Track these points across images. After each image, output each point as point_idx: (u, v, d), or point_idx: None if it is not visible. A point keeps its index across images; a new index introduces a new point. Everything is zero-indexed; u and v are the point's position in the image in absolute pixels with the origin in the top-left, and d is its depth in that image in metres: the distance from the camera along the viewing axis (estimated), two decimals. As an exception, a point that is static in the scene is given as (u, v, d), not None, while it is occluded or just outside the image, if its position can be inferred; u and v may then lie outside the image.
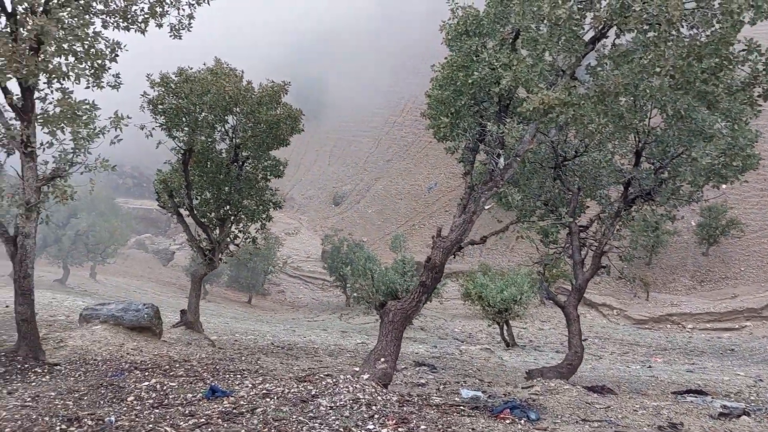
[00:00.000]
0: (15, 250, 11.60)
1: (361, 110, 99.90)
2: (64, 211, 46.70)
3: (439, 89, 16.29)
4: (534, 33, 12.06)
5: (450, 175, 69.91)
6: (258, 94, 18.80)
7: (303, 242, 72.09)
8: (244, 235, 20.92)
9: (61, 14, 10.41)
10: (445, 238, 14.50)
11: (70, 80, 11.04)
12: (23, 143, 10.95)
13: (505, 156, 16.11)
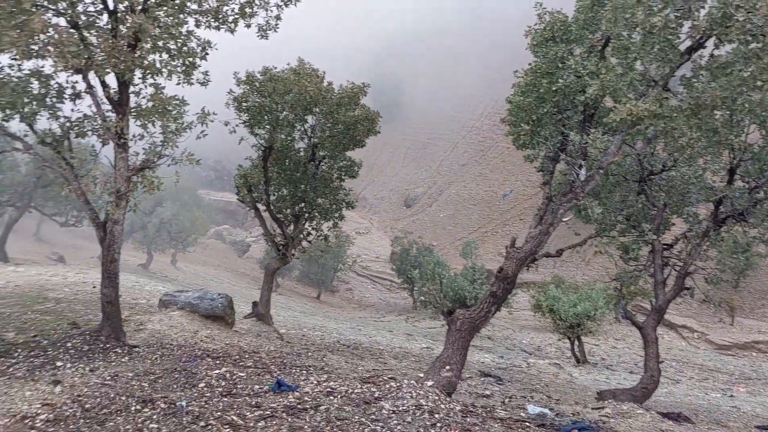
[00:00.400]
0: (104, 235, 12.26)
1: (438, 113, 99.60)
2: (150, 200, 49.17)
3: (521, 96, 15.92)
4: (626, 41, 11.57)
5: (527, 182, 68.48)
6: (337, 94, 19.05)
7: (373, 242, 72.66)
8: (317, 232, 21.28)
9: (157, 13, 10.94)
10: (519, 248, 14.17)
11: (162, 76, 11.60)
12: (117, 135, 11.57)
13: (587, 167, 15.55)
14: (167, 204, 53.53)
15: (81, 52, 9.97)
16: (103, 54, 10.32)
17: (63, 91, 12.16)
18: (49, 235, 58.79)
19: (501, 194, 71.96)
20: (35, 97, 11.97)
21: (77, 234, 56.89)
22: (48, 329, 12.84)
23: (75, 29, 10.74)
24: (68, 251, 52.92)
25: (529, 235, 15.84)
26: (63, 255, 47.31)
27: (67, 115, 12.44)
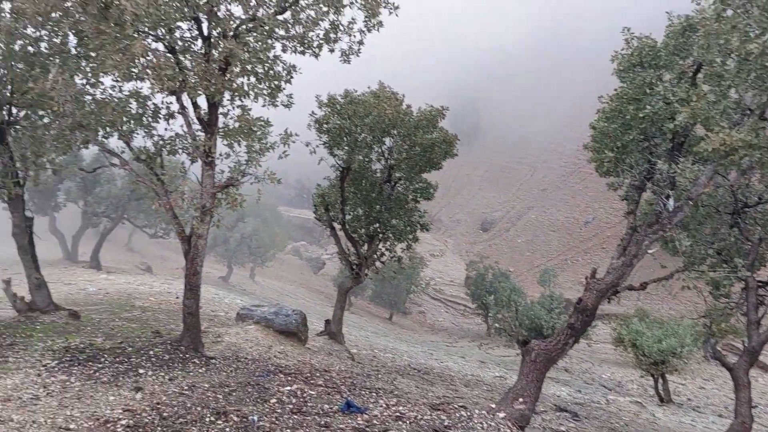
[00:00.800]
0: (188, 249, 12.82)
1: (518, 136, 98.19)
2: (233, 215, 51.11)
3: (606, 121, 15.45)
4: (719, 67, 11.01)
5: (610, 210, 66.04)
6: (416, 117, 19.14)
7: (447, 265, 72.04)
8: (391, 253, 21.33)
9: (248, 38, 11.44)
10: (600, 280, 13.66)
11: (249, 98, 12.09)
12: (205, 153, 12.12)
13: (676, 197, 14.81)
14: (249, 219, 55.42)
15: (176, 75, 10.56)
16: (196, 77, 10.88)
17: (158, 111, 12.94)
18: (139, 245, 62.20)
19: (583, 221, 69.68)
20: (133, 117, 12.79)
21: (164, 245, 59.89)
22: (133, 336, 13.50)
23: (172, 54, 11.41)
24: (155, 261, 55.75)
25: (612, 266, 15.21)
26: (150, 265, 49.86)
27: (160, 134, 13.22)
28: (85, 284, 25.71)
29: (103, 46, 10.63)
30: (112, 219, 40.91)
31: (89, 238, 48.17)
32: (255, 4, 11.09)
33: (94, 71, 13.40)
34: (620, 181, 16.50)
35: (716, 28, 10.42)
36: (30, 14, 10.50)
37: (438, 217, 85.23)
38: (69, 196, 41.81)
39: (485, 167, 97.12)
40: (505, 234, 77.07)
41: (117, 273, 35.34)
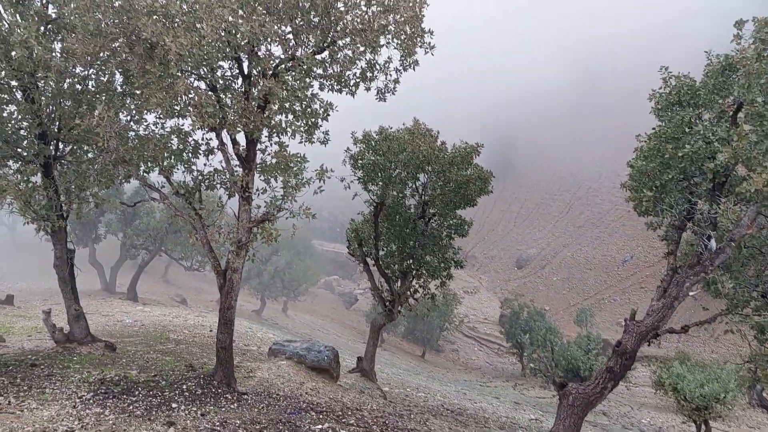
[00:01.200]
0: (224, 283, 12.92)
1: (552, 173, 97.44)
2: (267, 249, 51.59)
3: (644, 160, 15.23)
4: (761, 107, 10.79)
5: (648, 248, 64.54)
6: (450, 154, 19.17)
7: (481, 302, 71.03)
8: (424, 290, 21.13)
9: (286, 77, 11.69)
10: (639, 322, 13.28)
11: (286, 135, 12.28)
12: (243, 188, 12.31)
13: (717, 238, 14.40)
14: (282, 253, 55.87)
15: (217, 113, 10.82)
16: (235, 114, 11.13)
17: (198, 147, 13.26)
18: (175, 277, 63.16)
19: (620, 260, 68.13)
20: (174, 152, 13.12)
21: (200, 277, 60.70)
22: (167, 369, 13.56)
23: (213, 92, 11.73)
24: (190, 293, 56.45)
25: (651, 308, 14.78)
26: (185, 297, 50.50)
27: (199, 169, 13.51)
28: (122, 316, 26.11)
29: (147, 85, 11.00)
30: (149, 251, 41.76)
31: (127, 269, 49.23)
32: (294, 44, 11.35)
33: (138, 108, 13.89)
34: (659, 221, 16.17)
35: (757, 67, 10.26)
36: (80, 54, 10.96)
37: (472, 253, 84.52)
38: (109, 228, 42.96)
39: (520, 203, 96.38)
40: (540, 271, 75.81)
41: (153, 305, 35.85)
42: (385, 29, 11.55)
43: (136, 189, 41.39)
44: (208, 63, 10.87)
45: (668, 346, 45.64)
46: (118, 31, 10.58)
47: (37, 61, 12.07)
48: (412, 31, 11.82)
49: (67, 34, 12.30)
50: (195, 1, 10.11)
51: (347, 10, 11.40)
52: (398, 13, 11.50)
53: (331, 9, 11.31)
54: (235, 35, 10.33)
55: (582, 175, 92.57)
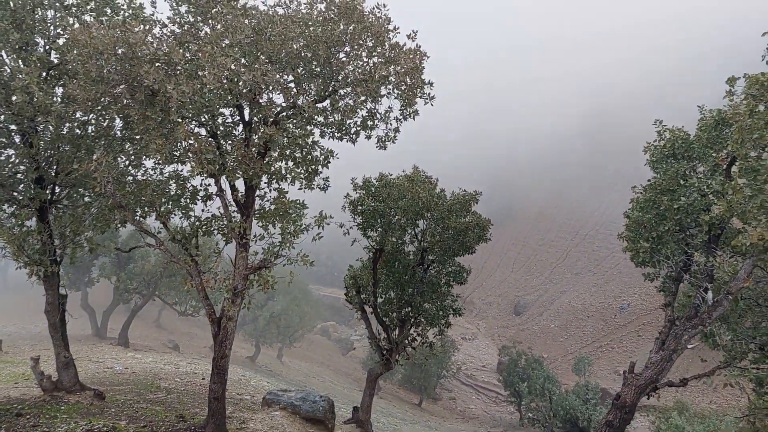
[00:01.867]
0: (218, 331, 12.64)
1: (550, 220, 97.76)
2: (263, 294, 51.00)
3: (640, 211, 15.28)
4: (754, 162, 10.87)
5: (645, 296, 64.17)
6: (449, 201, 19.17)
7: (479, 349, 70.04)
8: (422, 338, 20.76)
9: (287, 125, 11.73)
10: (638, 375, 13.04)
11: (286, 182, 12.24)
12: (240, 235, 12.18)
13: (714, 290, 14.31)
14: (278, 298, 55.26)
15: (216, 159, 10.80)
16: (235, 161, 11.11)
17: (196, 192, 13.18)
18: (168, 321, 62.27)
19: (617, 307, 67.64)
20: (171, 198, 13.04)
21: (193, 322, 59.83)
22: (157, 420, 13.13)
23: (213, 138, 11.75)
24: (183, 339, 55.53)
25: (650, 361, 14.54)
26: (178, 343, 49.64)
27: (197, 215, 13.39)
28: (113, 362, 25.54)
29: (147, 131, 11.00)
30: (143, 296, 41.23)
31: (119, 314, 48.53)
32: (296, 92, 11.42)
33: (137, 153, 13.88)
34: (656, 272, 16.12)
35: (750, 123, 10.36)
36: (81, 100, 10.99)
37: (470, 299, 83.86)
38: (103, 272, 42.50)
39: (517, 249, 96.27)
40: (538, 318, 75.11)
41: (144, 351, 35.19)
42: (386, 80, 11.67)
43: (131, 233, 41.14)
44: (209, 110, 10.90)
45: (667, 396, 44.78)
46: (120, 77, 10.64)
47: (37, 106, 12.10)
48: (412, 81, 11.94)
49: (69, 80, 12.37)
50: (198, 50, 10.21)
51: (349, 61, 11.53)
52: (399, 65, 11.64)
53: (332, 59, 11.44)
54: (237, 83, 10.39)
55: (579, 222, 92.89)
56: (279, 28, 10.78)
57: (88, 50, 10.19)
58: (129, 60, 10.21)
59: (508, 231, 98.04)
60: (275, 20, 11.03)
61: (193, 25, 11.46)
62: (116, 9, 13.27)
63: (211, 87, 9.85)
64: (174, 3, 11.47)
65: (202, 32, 11.46)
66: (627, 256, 16.38)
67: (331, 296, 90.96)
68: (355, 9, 11.60)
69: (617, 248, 69.76)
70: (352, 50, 11.86)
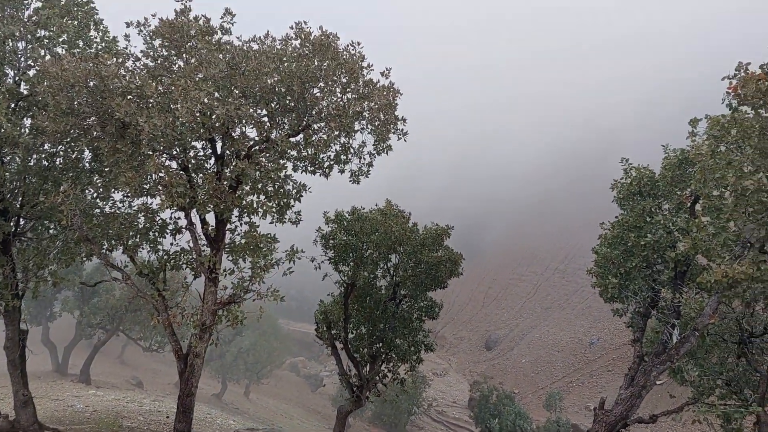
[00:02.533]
0: (184, 368, 12.33)
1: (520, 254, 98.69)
2: (231, 329, 50.00)
3: (608, 247, 15.52)
4: (717, 201, 11.22)
5: (615, 330, 64.73)
6: (422, 235, 19.22)
7: (450, 385, 69.46)
8: (393, 374, 20.52)
9: (260, 158, 11.70)
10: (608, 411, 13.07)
11: (258, 215, 12.15)
12: (210, 269, 12.00)
13: (681, 326, 14.55)
14: (247, 333, 54.19)
15: (187, 192, 10.68)
16: (206, 194, 11.01)
17: (166, 226, 12.99)
18: (132, 357, 60.46)
19: (587, 342, 68.05)
20: (139, 231, 12.82)
21: (158, 358, 58.25)
22: (118, 462, 12.61)
23: (184, 171, 11.63)
24: (147, 375, 53.91)
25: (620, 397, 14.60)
26: (142, 380, 48.15)
27: (165, 249, 13.17)
28: (73, 400, 24.59)
29: (117, 163, 10.86)
30: (106, 330, 39.97)
31: (81, 349, 46.95)
32: (269, 126, 11.45)
33: (106, 186, 13.65)
34: (625, 308, 16.32)
35: (712, 163, 10.72)
36: (50, 132, 10.82)
37: (442, 334, 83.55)
38: (65, 306, 41.14)
39: (489, 283, 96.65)
40: (509, 353, 75.05)
41: (106, 388, 34.03)
42: (360, 115, 11.79)
43: (96, 267, 40.10)
44: (181, 143, 10.83)
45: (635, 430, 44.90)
46: (91, 110, 10.53)
47: (4, 138, 11.85)
48: (385, 117, 12.09)
49: (38, 112, 12.18)
50: (171, 83, 10.19)
51: (323, 96, 11.63)
52: (373, 101, 11.78)
53: (306, 94, 11.54)
54: (210, 117, 10.37)
55: (549, 256, 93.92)
56: (253, 63, 10.85)
57: (59, 82, 10.08)
58: (100, 92, 10.13)
59: (479, 265, 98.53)
60: (250, 55, 11.11)
61: (167, 59, 11.46)
62: (89, 42, 13.20)
63: (183, 120, 9.81)
64: (148, 37, 11.47)
65: (176, 66, 11.46)
66: (596, 292, 16.59)
67: (301, 331, 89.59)
68: (329, 46, 11.76)
69: (586, 282, 70.63)
70: (326, 86, 11.98)
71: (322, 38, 11.78)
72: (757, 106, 10.07)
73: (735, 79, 10.23)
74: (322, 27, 11.92)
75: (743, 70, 10.16)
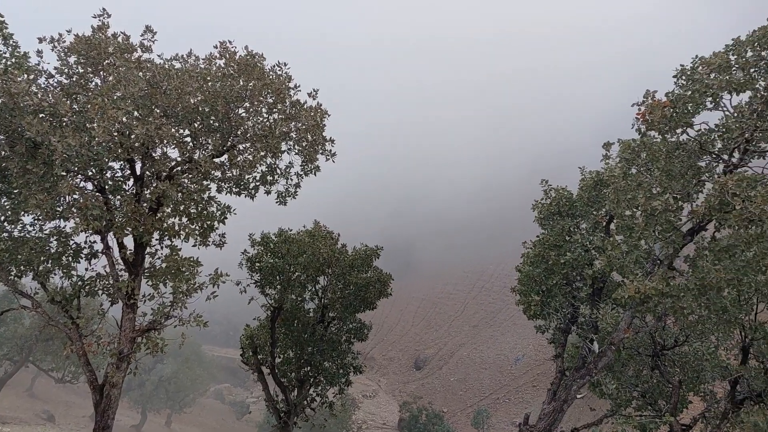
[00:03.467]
0: (100, 399, 11.65)
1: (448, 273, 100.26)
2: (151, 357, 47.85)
3: (531, 266, 16.03)
4: (629, 220, 11.88)
5: (539, 346, 66.67)
6: (351, 256, 19.19)
7: (380, 406, 69.17)
8: (322, 398, 20.23)
9: (182, 179, 11.34)
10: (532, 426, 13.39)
11: (179, 238, 11.73)
12: (128, 295, 11.44)
13: (599, 341, 15.19)
14: (168, 361, 52.03)
15: (103, 215, 10.20)
16: (124, 217, 10.55)
17: (80, 250, 12.29)
18: (43, 390, 56.60)
19: (513, 358, 69.75)
20: (51, 256, 12.06)
21: (71, 390, 54.81)
22: (24, 506, 11.70)
23: (101, 193, 11.10)
24: (60, 408, 50.57)
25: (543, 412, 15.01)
26: (53, 413, 45.12)
27: (80, 274, 12.46)
28: (-26, 439, 22.70)
29: (27, 185, 10.24)
30: (14, 362, 37.23)
31: (-15, 383, 43.48)
32: (192, 146, 11.15)
33: (14, 209, 12.80)
34: (547, 324, 16.88)
35: (624, 185, 11.36)
36: (-50, 151, 10.09)
37: (371, 355, 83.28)
38: (-32, 336, 38.08)
39: (418, 303, 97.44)
40: (437, 372, 75.70)
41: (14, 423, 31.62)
42: (287, 136, 11.69)
43: (3, 294, 37.38)
44: (98, 164, 10.35)
45: (563, 445, 46.22)
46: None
47: None
48: (313, 138, 12.04)
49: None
50: (87, 101, 9.76)
51: (249, 117, 11.47)
52: (300, 121, 11.72)
53: (231, 114, 11.33)
54: (129, 137, 9.98)
55: (476, 274, 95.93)
56: (176, 81, 10.57)
57: (-39, 99, 9.44)
58: (9, 110, 9.55)
59: (409, 285, 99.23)
60: (172, 74, 10.81)
61: (83, 76, 10.97)
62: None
63: (100, 140, 9.39)
64: (62, 53, 10.96)
65: (93, 84, 10.99)
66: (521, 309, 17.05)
67: (226, 357, 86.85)
68: (255, 66, 11.63)
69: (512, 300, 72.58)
70: (252, 106, 11.82)
71: (247, 58, 11.65)
72: (663, 131, 10.76)
73: (643, 106, 10.89)
74: (247, 47, 11.80)
75: (650, 98, 10.85)
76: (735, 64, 10.26)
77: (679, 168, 10.70)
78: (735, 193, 8.98)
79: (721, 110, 10.65)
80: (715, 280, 9.99)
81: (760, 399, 14.73)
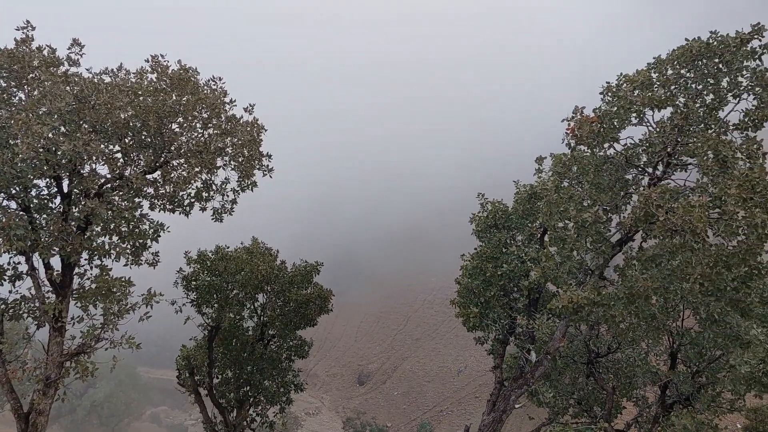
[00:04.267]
0: (26, 428, 11.07)
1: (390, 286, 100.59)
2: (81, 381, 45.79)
3: (469, 278, 16.32)
4: (561, 232, 12.33)
5: (480, 357, 67.66)
6: (290, 273, 19.05)
7: (323, 424, 68.34)
8: (262, 418, 19.89)
9: (112, 197, 11.01)
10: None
11: (110, 258, 11.36)
12: (55, 318, 10.97)
13: (536, 350, 15.62)
14: (101, 384, 49.90)
15: (28, 235, 9.77)
16: (50, 236, 10.13)
17: (3, 272, 11.68)
18: (-37, 421, 53.02)
19: (455, 370, 70.52)
20: (-30, 279, 11.44)
21: (-5, 420, 51.54)
22: None
23: (25, 212, 10.63)
24: (-19, 440, 47.46)
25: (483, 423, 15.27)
26: (-26, 445, 42.34)
27: (3, 297, 11.84)
28: None
29: (-58, 203, 9.71)
30: (-71, 392, 34.81)
31: None
32: (122, 163, 10.86)
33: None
34: (486, 336, 17.21)
35: (556, 198, 11.81)
36: None
37: (314, 371, 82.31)
38: None
39: (360, 318, 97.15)
40: (381, 387, 75.57)
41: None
42: (223, 151, 11.56)
43: None
44: (21, 182, 9.92)
45: (504, 454, 46.92)
46: None
47: None
48: (250, 153, 11.95)
49: None
50: (10, 117, 9.38)
51: (182, 132, 11.28)
52: (236, 137, 11.61)
53: (164, 129, 11.12)
54: (56, 153, 9.63)
55: (417, 287, 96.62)
56: (105, 96, 10.29)
57: None
58: None
59: (351, 299, 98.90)
60: (101, 88, 10.53)
61: (6, 91, 10.52)
62: None
63: (24, 157, 9.02)
64: (-17, 66, 10.50)
65: (16, 98, 10.56)
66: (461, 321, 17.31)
67: (162, 378, 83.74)
68: (189, 80, 11.48)
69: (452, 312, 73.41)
70: (185, 121, 11.64)
71: (180, 72, 11.48)
72: (591, 145, 11.28)
73: (572, 121, 11.38)
74: (180, 61, 11.63)
75: (579, 114, 11.35)
76: (656, 82, 10.90)
77: (608, 181, 11.24)
78: (659, 204, 9.50)
79: (645, 125, 11.27)
80: (642, 288, 10.49)
81: (689, 402, 15.49)
